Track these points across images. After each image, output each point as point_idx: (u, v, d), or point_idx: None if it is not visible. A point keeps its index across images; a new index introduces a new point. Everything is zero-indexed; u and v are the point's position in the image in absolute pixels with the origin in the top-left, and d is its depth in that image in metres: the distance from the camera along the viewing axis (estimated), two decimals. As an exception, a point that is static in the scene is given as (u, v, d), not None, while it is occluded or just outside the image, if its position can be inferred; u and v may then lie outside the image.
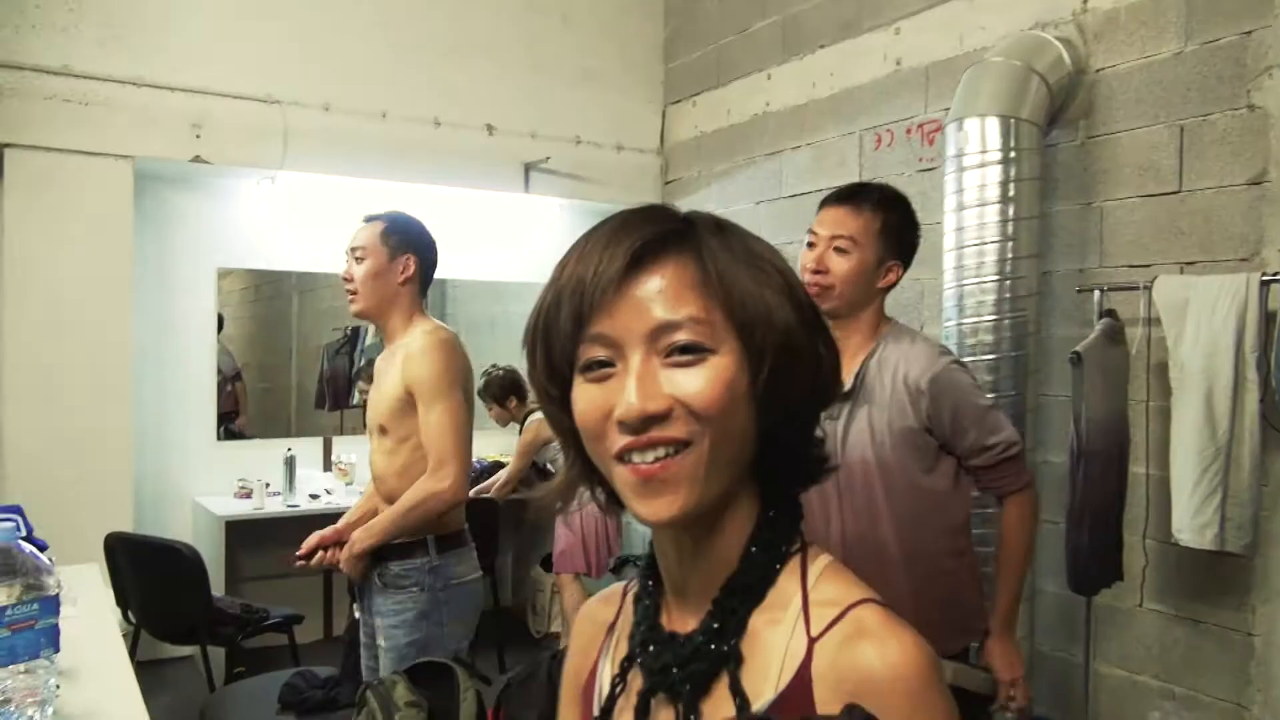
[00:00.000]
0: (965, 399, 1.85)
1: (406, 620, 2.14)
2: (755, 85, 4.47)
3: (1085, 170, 3.06)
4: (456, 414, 2.15)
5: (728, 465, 0.68)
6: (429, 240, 2.35)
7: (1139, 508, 2.79)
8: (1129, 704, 2.91)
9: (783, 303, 0.68)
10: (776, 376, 0.67)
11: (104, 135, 3.72)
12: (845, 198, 1.93)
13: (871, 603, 0.68)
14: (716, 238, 0.69)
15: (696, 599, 0.72)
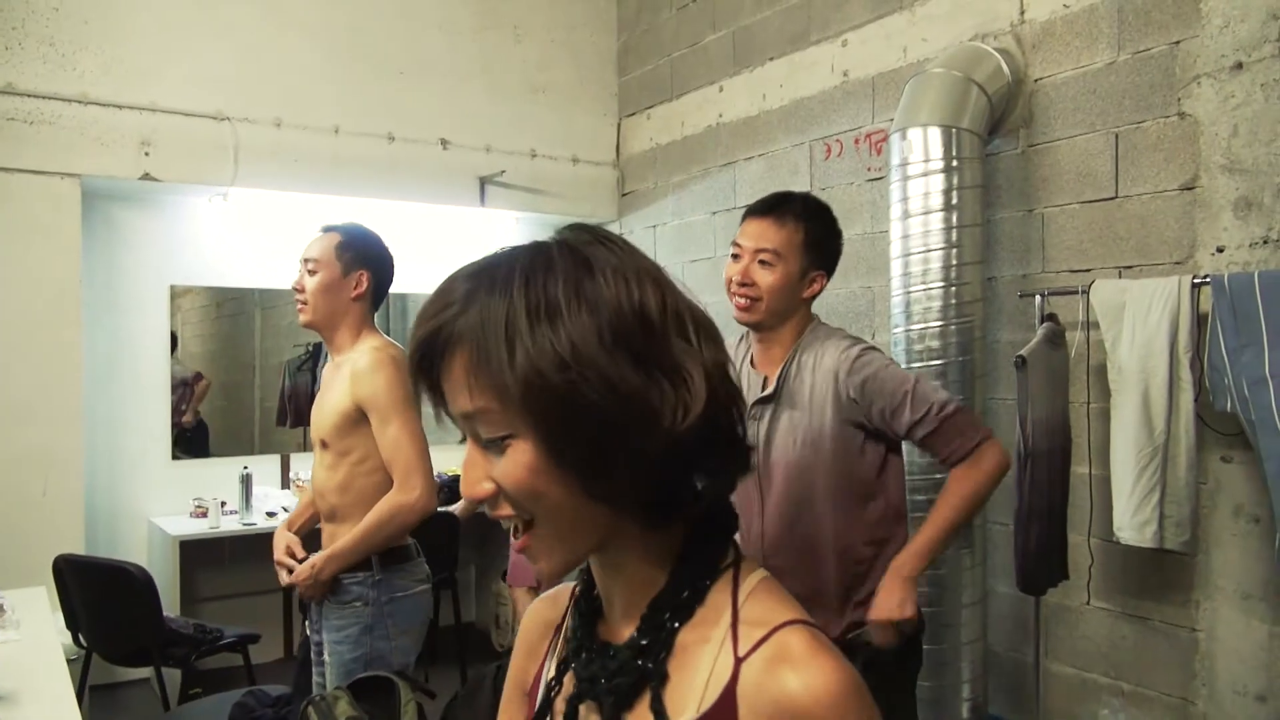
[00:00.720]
0: (887, 377, 1.86)
1: (350, 635, 2.12)
2: (707, 97, 4.52)
3: (1026, 178, 3.13)
4: (412, 428, 2.14)
5: (582, 533, 0.68)
6: (386, 256, 2.32)
7: (1083, 507, 2.84)
8: (1079, 701, 2.96)
9: (580, 353, 0.63)
10: (583, 443, 0.64)
11: (50, 154, 3.68)
12: (767, 210, 1.95)
13: (798, 625, 0.67)
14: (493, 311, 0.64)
15: (627, 611, 0.72)
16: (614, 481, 0.65)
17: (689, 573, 0.70)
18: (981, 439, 1.85)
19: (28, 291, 3.65)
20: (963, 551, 2.94)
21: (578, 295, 0.64)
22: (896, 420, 1.84)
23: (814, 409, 1.88)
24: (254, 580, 4.44)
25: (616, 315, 0.65)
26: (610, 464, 0.64)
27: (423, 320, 0.67)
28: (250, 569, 4.42)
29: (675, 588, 0.70)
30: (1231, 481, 2.59)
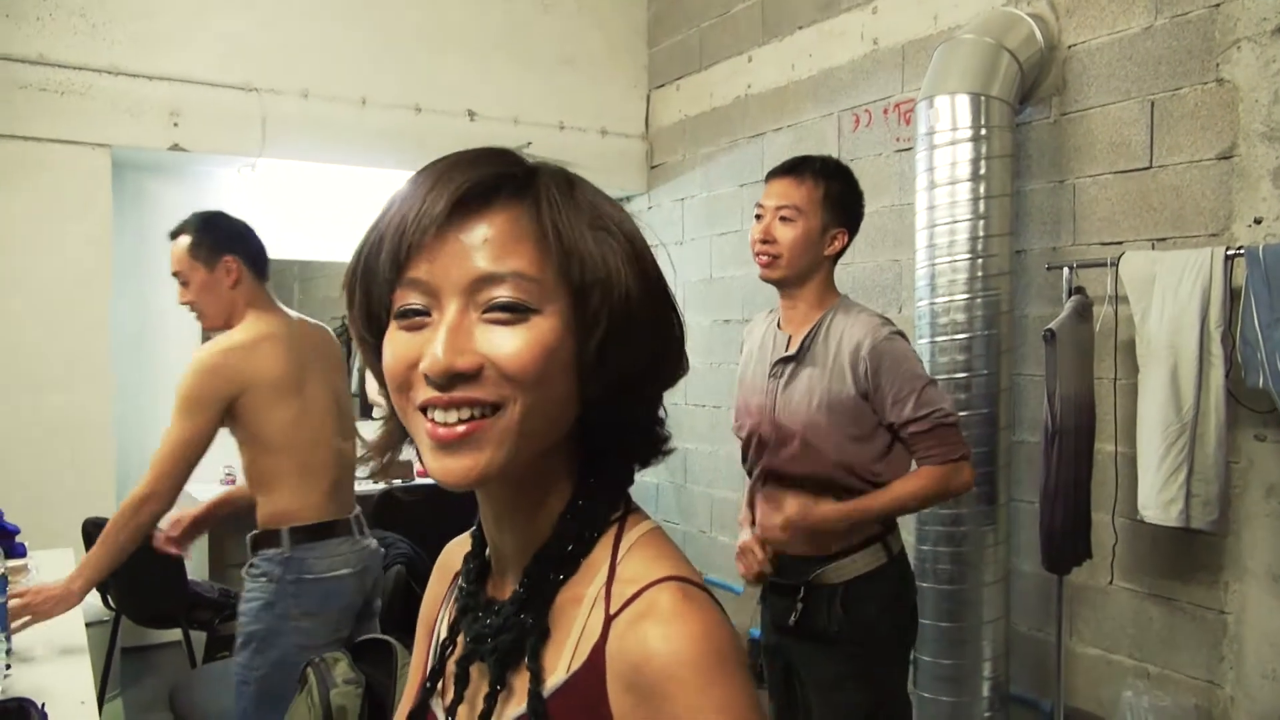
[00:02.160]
0: (903, 367, 1.89)
1: (251, 609, 2.07)
2: (736, 68, 4.45)
3: (1057, 147, 3.04)
4: (181, 433, 2.03)
5: (539, 435, 0.63)
6: (241, 230, 2.24)
7: (1107, 486, 2.78)
8: (1103, 682, 2.91)
9: (627, 269, 0.64)
10: (608, 347, 0.63)
11: (81, 124, 3.73)
12: (788, 170, 2.00)
13: (672, 581, 0.63)
14: (560, 190, 0.64)
15: (514, 566, 0.69)
16: (614, 404, 0.65)
17: (574, 525, 0.67)
18: (962, 456, 1.90)
19: (59, 261, 3.71)
20: (985, 529, 2.89)
21: (620, 217, 0.67)
22: (896, 409, 1.88)
23: (834, 373, 1.91)
24: (282, 547, 4.51)
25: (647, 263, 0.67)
26: (627, 377, 0.64)
27: (474, 164, 0.63)
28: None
29: (559, 540, 0.67)
30: (1265, 460, 2.51)
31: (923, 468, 1.89)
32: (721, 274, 4.57)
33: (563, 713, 0.63)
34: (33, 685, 1.73)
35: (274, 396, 2.10)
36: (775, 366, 2.02)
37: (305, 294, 5.13)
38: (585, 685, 0.62)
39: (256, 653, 2.06)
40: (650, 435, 0.70)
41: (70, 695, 1.71)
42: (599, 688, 0.62)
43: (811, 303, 1.99)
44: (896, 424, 1.88)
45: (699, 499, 4.76)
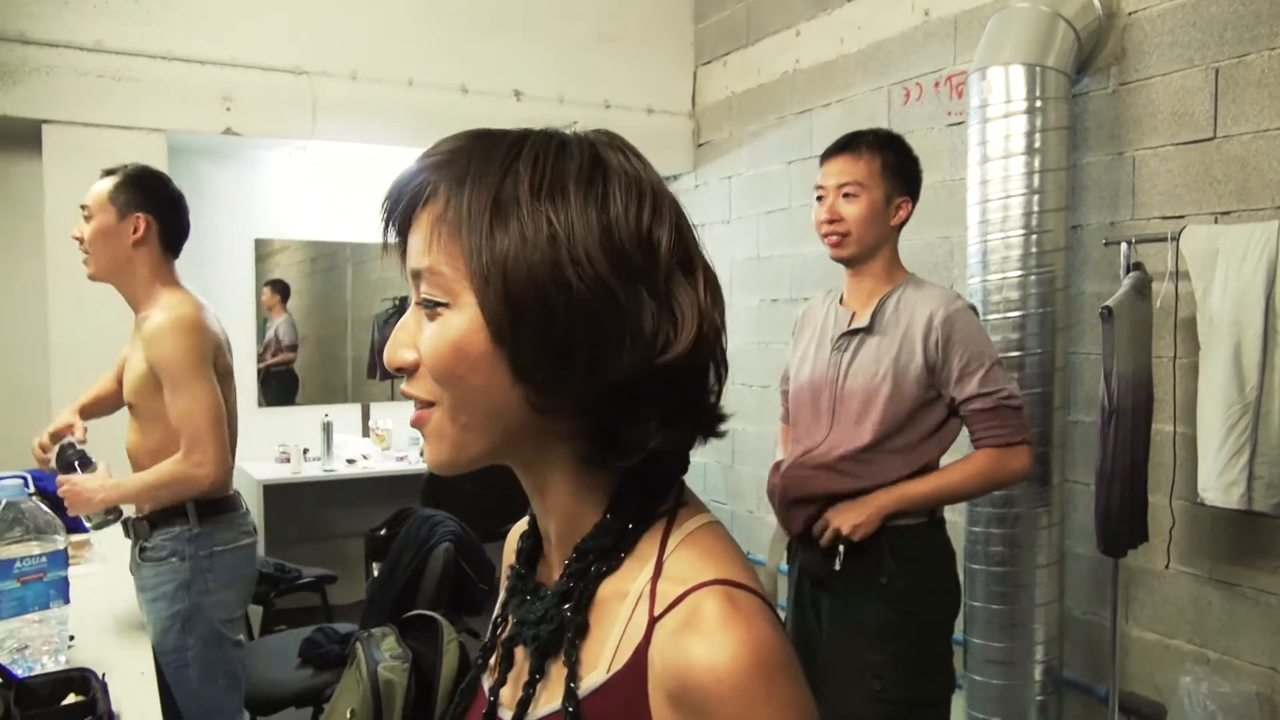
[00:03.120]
0: (973, 342, 1.89)
1: (166, 593, 2.03)
2: (784, 43, 4.39)
3: (1116, 118, 2.95)
4: (204, 397, 2.01)
5: (484, 427, 0.62)
6: (171, 196, 2.16)
7: (1165, 467, 2.70)
8: (1160, 668, 2.84)
9: (539, 252, 0.58)
10: (522, 335, 0.59)
11: (137, 109, 3.80)
12: (843, 146, 2.01)
13: (718, 585, 0.60)
14: (482, 177, 0.60)
15: (558, 552, 0.68)
16: (561, 391, 0.60)
17: (618, 517, 0.65)
18: (1023, 440, 1.88)
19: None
20: (1039, 511, 2.83)
21: (590, 187, 0.61)
22: (960, 385, 1.87)
23: (905, 343, 1.90)
24: (335, 524, 4.61)
25: (621, 225, 0.60)
26: (563, 369, 0.59)
27: (413, 163, 0.65)
28: (331, 513, 4.58)
29: (602, 531, 0.65)
30: (1332, 442, 2.42)
31: (978, 451, 1.87)
32: (769, 253, 4.53)
33: (599, 713, 0.61)
34: (94, 657, 1.78)
35: (219, 371, 2.12)
36: (839, 340, 2.01)
37: (357, 276, 5.21)
38: (625, 688, 0.60)
39: (185, 632, 2.04)
40: (687, 408, 0.65)
41: (131, 666, 1.76)
42: (640, 693, 0.60)
43: (880, 277, 1.99)
44: (958, 400, 1.86)
45: (746, 479, 4.74)
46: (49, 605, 1.74)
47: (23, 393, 3.91)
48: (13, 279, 3.91)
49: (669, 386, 0.62)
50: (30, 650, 1.75)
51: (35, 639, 1.76)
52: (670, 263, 0.62)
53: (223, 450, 2.03)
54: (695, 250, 0.65)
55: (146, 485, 2.04)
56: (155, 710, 1.57)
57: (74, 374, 3.72)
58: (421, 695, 1.53)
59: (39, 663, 1.74)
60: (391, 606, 2.53)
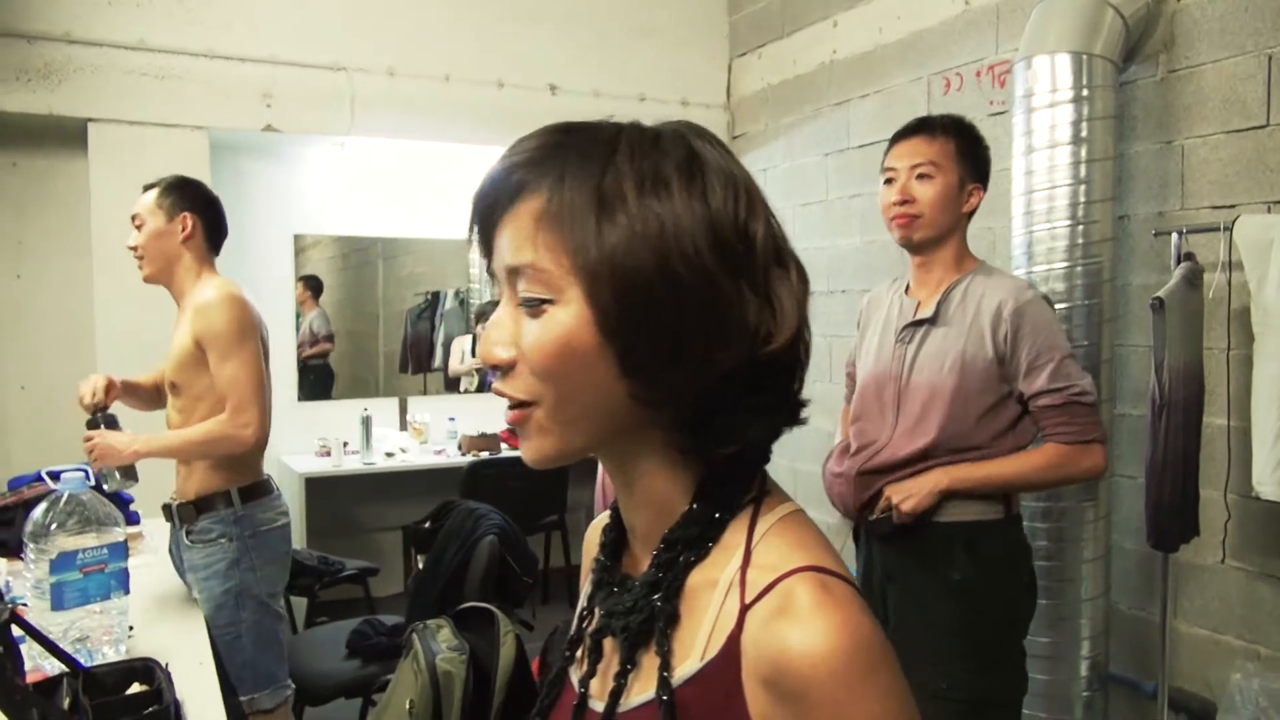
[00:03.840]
0: (1045, 334, 1.80)
1: (218, 571, 2.17)
2: (821, 33, 4.35)
3: (1165, 107, 2.90)
4: (251, 364, 2.16)
5: (587, 423, 0.62)
6: (210, 198, 2.35)
7: (1218, 461, 2.66)
8: (1210, 664, 2.80)
9: (650, 244, 0.58)
10: (633, 329, 0.58)
11: (179, 107, 3.85)
12: (916, 129, 1.94)
13: (810, 571, 0.60)
14: (581, 167, 0.60)
15: (645, 543, 0.68)
16: (667, 385, 0.60)
17: (706, 507, 0.65)
18: (1096, 438, 1.81)
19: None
20: (1085, 505, 2.80)
21: (690, 180, 0.60)
22: (1030, 378, 1.78)
23: (971, 336, 1.83)
24: (374, 517, 4.64)
25: (722, 217, 0.60)
26: (673, 362, 0.59)
27: (501, 160, 0.63)
28: (371, 506, 4.62)
29: (690, 521, 0.64)
30: (1391, 435, 2.38)
31: (1049, 444, 1.79)
32: (805, 245, 4.50)
33: (694, 701, 0.61)
34: (153, 647, 1.81)
35: (258, 350, 2.23)
36: (904, 331, 1.94)
37: (389, 271, 5.24)
38: (719, 676, 0.60)
39: (238, 608, 2.18)
40: (766, 405, 0.65)
41: (189, 656, 1.79)
42: (734, 680, 0.59)
43: (948, 265, 1.91)
44: (1028, 394, 1.78)
45: (783, 473, 4.73)
46: (110, 596, 1.77)
47: (69, 389, 3.96)
48: (59, 276, 3.97)
49: (767, 377, 0.62)
50: (91, 640, 1.78)
51: (96, 629, 1.79)
52: (767, 254, 0.62)
53: (265, 415, 2.18)
54: (785, 243, 0.65)
55: (188, 441, 2.16)
56: (216, 699, 1.59)
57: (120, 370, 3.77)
58: (479, 687, 1.54)
59: (100, 653, 1.77)
60: (437, 599, 2.55)
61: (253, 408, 2.14)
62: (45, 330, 3.97)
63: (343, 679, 2.45)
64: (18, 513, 2.55)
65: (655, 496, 0.67)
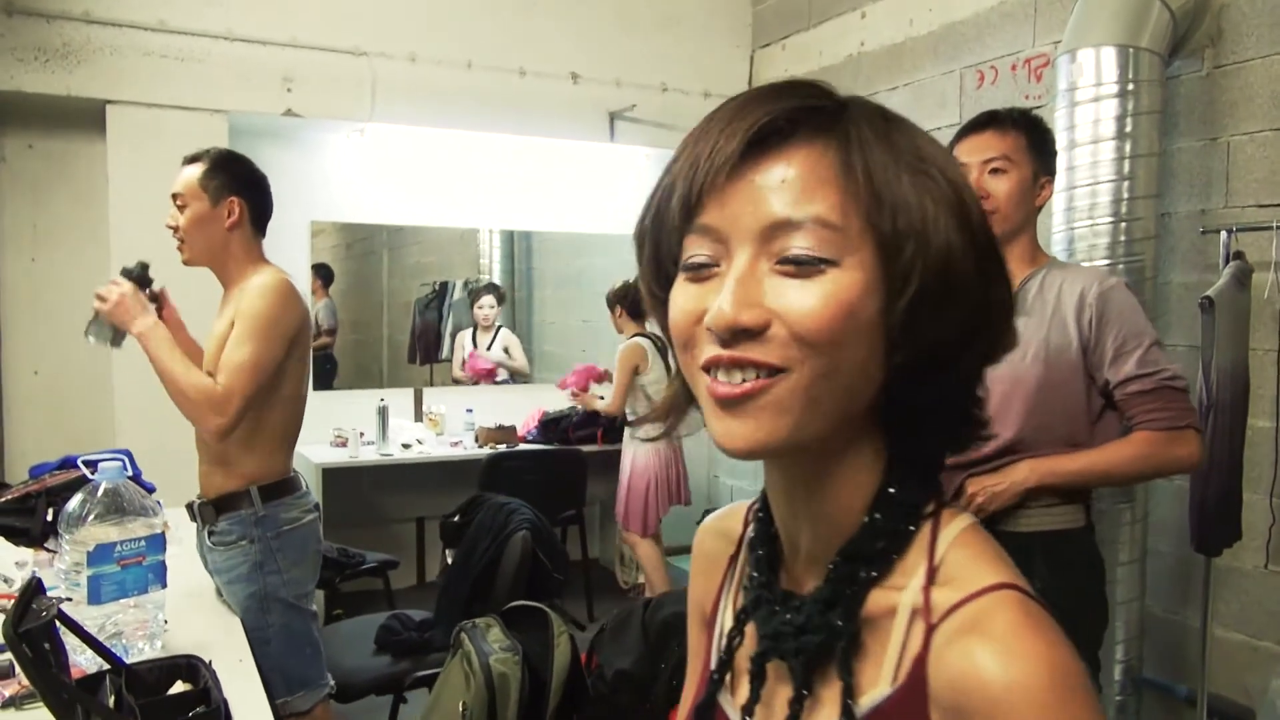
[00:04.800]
0: (1130, 319, 1.73)
1: (241, 575, 2.06)
2: (848, 25, 4.30)
3: (1210, 103, 2.85)
4: (264, 361, 1.98)
5: (830, 405, 0.55)
6: (257, 178, 2.17)
7: (1263, 465, 2.62)
8: (1249, 669, 2.76)
9: (948, 219, 0.54)
10: (920, 309, 0.54)
11: (199, 90, 3.79)
12: (986, 123, 1.88)
13: (1007, 590, 0.54)
14: (874, 126, 0.55)
15: (812, 558, 0.63)
16: (929, 367, 0.56)
17: (887, 518, 0.59)
18: (1190, 424, 1.70)
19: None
20: (1122, 507, 2.75)
21: (943, 160, 0.57)
22: (1116, 366, 1.70)
23: (1054, 324, 1.75)
24: (390, 508, 4.59)
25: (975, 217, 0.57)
26: (942, 344, 0.56)
27: (776, 97, 0.56)
28: (386, 497, 4.57)
29: (870, 534, 0.59)
30: None
31: (1139, 432, 1.70)
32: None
33: None
34: (190, 642, 1.76)
35: (303, 348, 2.11)
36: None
37: (393, 260, 5.18)
38: (906, 707, 0.55)
39: (264, 612, 2.07)
40: (967, 415, 0.62)
41: (228, 652, 1.74)
42: (921, 708, 0.54)
43: (1023, 259, 1.84)
44: (1114, 383, 1.70)
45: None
46: (147, 590, 1.72)
47: (82, 374, 3.92)
48: (74, 261, 3.91)
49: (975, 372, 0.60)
50: (125, 635, 1.73)
51: (130, 624, 1.74)
52: (993, 244, 0.58)
53: (237, 420, 2.00)
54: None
55: (174, 376, 1.98)
56: (261, 699, 1.54)
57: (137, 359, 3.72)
58: (532, 689, 1.50)
59: (135, 648, 1.72)
60: (467, 594, 2.50)
61: (237, 404, 1.97)
62: (59, 316, 3.91)
63: (373, 675, 2.39)
64: (40, 500, 2.49)
65: (837, 506, 0.61)
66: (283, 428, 2.15)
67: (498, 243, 5.38)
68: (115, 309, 2.01)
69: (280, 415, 2.13)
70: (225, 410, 1.97)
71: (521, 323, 5.45)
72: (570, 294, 5.51)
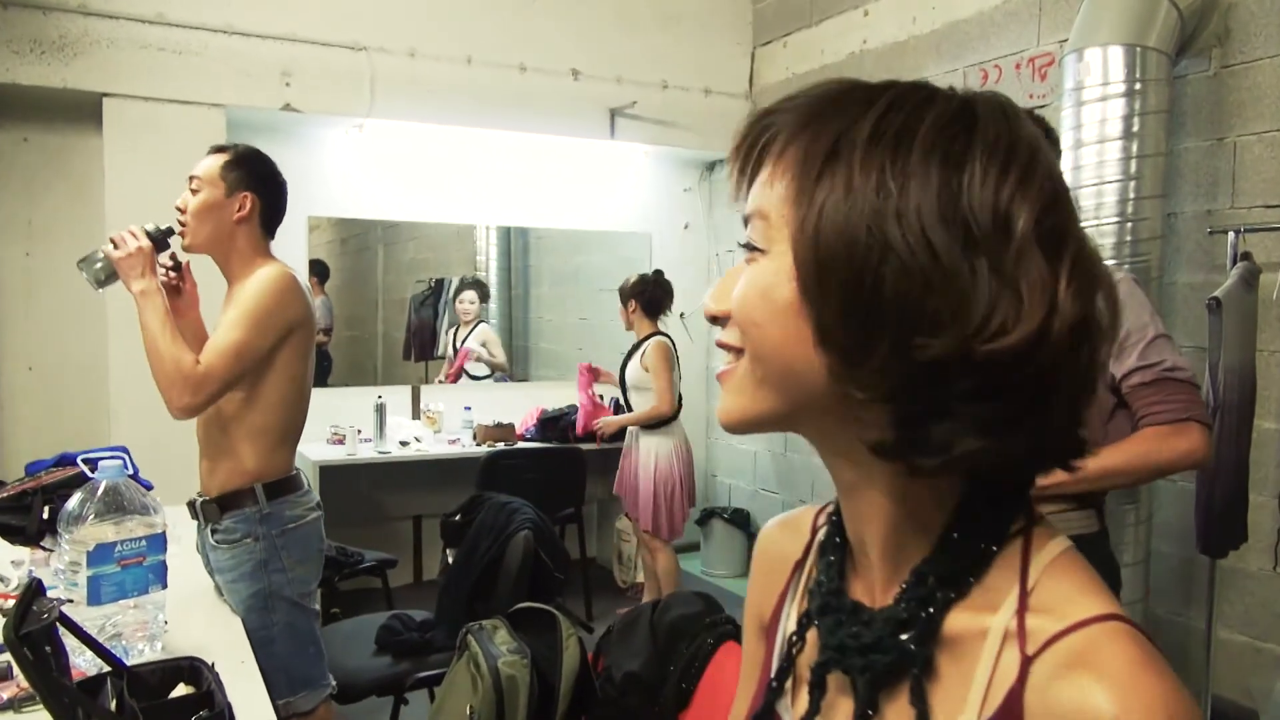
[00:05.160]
0: (1137, 314, 1.69)
1: (245, 574, 2.03)
2: (851, 23, 4.28)
3: (1217, 103, 2.84)
4: (247, 348, 1.95)
5: (779, 385, 0.56)
6: (277, 180, 2.17)
7: (1269, 466, 2.61)
8: (1252, 672, 2.75)
9: (858, 205, 0.51)
10: (832, 292, 0.52)
11: (197, 84, 3.75)
12: None
13: (1115, 622, 0.51)
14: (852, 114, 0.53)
15: (883, 569, 0.60)
16: (864, 363, 0.52)
17: (966, 536, 0.56)
18: (1194, 416, 1.64)
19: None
20: (1126, 508, 2.74)
21: (941, 142, 0.52)
22: (1121, 359, 1.67)
23: None
24: (387, 506, 4.56)
25: (971, 189, 0.51)
26: (871, 336, 0.51)
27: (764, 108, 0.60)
28: (383, 495, 4.54)
29: (947, 552, 0.56)
30: None
31: (1145, 430, 1.66)
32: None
33: None
34: (191, 644, 1.73)
35: (305, 344, 2.09)
36: None
37: (389, 256, 5.14)
38: None
39: (269, 610, 2.05)
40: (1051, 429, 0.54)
41: (229, 655, 1.71)
42: None
43: None
44: (1119, 376, 1.67)
45: (799, 469, 4.66)
46: (147, 590, 1.69)
47: (77, 371, 3.89)
48: (69, 256, 3.85)
49: (996, 385, 0.51)
50: (124, 637, 1.70)
51: (130, 625, 1.71)
52: (1027, 239, 0.51)
53: (208, 402, 1.97)
54: (1071, 231, 0.54)
55: (157, 340, 1.94)
56: (265, 703, 1.52)
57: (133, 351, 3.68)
58: (541, 692, 1.47)
59: (135, 650, 1.69)
60: (468, 594, 2.48)
61: (212, 387, 1.93)
62: (54, 311, 3.87)
63: (374, 676, 2.37)
64: (36, 498, 2.45)
65: (886, 511, 0.58)
66: (286, 424, 2.12)
67: (494, 239, 5.35)
68: (125, 259, 1.98)
69: (284, 412, 2.10)
70: (199, 390, 1.93)
71: (518, 319, 5.42)
72: (567, 291, 5.49)
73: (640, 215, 5.18)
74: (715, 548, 4.97)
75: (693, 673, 1.58)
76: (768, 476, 4.88)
